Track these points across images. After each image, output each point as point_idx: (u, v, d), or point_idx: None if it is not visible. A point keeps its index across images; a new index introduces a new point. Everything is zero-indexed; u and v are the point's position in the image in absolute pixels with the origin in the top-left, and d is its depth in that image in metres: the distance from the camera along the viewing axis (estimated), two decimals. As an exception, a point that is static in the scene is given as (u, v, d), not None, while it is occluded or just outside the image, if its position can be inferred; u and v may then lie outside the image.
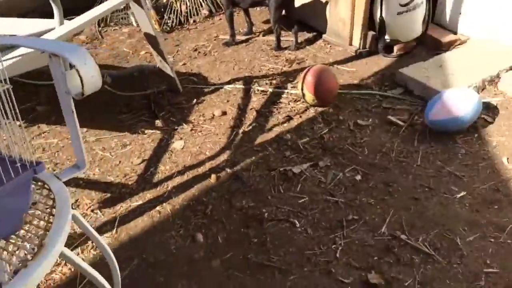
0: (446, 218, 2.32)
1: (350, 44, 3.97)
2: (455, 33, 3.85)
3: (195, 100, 3.47)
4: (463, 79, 3.16)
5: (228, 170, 2.74)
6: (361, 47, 3.90)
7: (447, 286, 1.99)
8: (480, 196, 2.43)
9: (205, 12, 5.01)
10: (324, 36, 4.22)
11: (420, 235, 2.24)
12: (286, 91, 3.50)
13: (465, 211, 2.35)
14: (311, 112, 3.24)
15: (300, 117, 3.20)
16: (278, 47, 4.11)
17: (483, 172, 2.59)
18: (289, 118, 3.19)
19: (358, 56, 3.90)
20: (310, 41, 4.24)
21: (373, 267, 2.09)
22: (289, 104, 3.35)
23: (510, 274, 2.02)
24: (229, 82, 3.68)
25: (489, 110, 3.02)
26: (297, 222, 2.36)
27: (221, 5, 4.87)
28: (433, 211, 2.37)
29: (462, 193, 2.46)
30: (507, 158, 2.65)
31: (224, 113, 3.29)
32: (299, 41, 4.15)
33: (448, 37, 3.77)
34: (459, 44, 3.74)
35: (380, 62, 3.80)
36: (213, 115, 3.28)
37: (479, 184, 2.51)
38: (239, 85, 3.62)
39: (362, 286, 2.02)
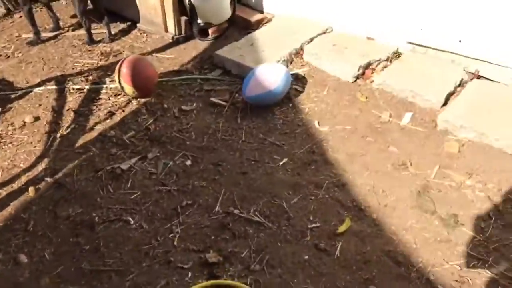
0: (272, 186, 2.47)
1: (166, 31, 3.93)
2: (262, 12, 4.09)
3: (0, 109, 3.09)
4: (273, 55, 3.38)
5: (49, 179, 2.52)
6: (177, 33, 3.88)
7: (279, 248, 2.13)
8: (299, 160, 2.64)
9: (2, 10, 4.46)
10: (138, 25, 4.11)
11: (251, 206, 2.35)
12: (105, 86, 3.33)
13: (288, 176, 2.53)
14: (134, 104, 3.13)
15: (123, 111, 3.08)
16: (91, 41, 3.87)
17: (300, 137, 2.81)
18: (111, 114, 3.04)
19: (176, 42, 3.88)
20: (125, 32, 4.09)
21: (211, 247, 2.14)
22: (109, 99, 3.19)
23: (331, 226, 2.24)
24: (39, 84, 3.36)
25: (298, 80, 3.28)
26: (131, 219, 2.28)
27: (18, 1, 4.39)
28: (261, 182, 2.50)
29: (284, 160, 2.64)
30: (318, 122, 2.92)
31: (37, 118, 3.00)
32: (113, 32, 3.97)
33: (255, 16, 3.98)
34: (266, 22, 3.98)
35: (197, 46, 3.84)
36: (24, 122, 2.96)
37: (297, 149, 2.72)
38: (51, 86, 3.33)
39: (202, 267, 2.04)
